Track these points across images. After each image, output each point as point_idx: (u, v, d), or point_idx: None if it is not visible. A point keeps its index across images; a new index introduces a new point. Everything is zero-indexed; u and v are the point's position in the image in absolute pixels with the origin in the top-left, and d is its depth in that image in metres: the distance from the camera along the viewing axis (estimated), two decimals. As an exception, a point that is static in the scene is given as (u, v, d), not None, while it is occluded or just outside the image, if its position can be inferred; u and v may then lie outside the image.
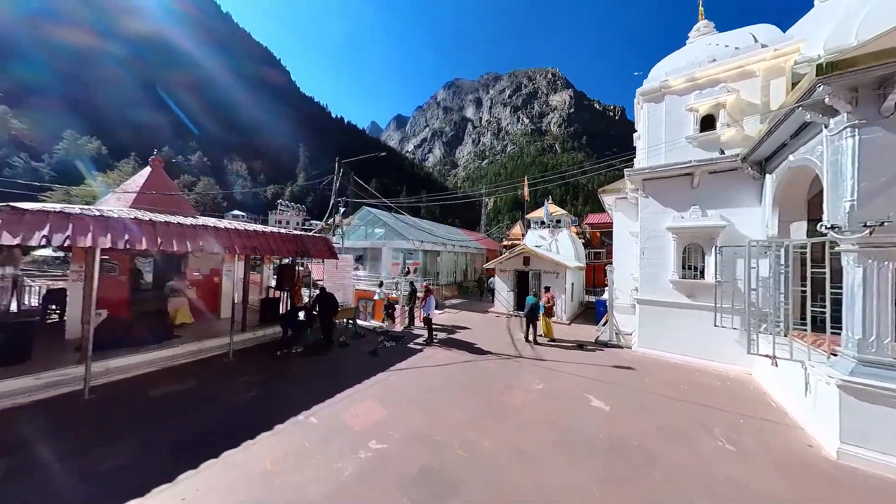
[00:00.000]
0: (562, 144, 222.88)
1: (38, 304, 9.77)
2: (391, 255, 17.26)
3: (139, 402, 5.07)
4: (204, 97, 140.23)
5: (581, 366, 7.14)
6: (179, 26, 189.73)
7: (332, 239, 10.46)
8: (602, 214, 25.20)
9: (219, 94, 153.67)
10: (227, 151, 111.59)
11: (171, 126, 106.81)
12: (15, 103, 66.49)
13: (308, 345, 8.07)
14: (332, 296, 8.30)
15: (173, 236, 6.23)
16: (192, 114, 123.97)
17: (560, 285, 11.91)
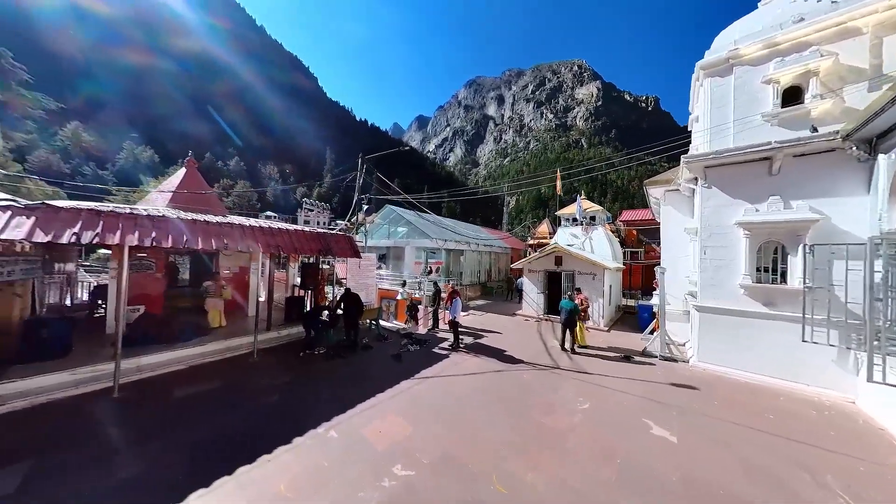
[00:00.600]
0: (588, 139, 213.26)
1: (87, 299, 10.39)
2: (414, 254, 16.92)
3: (163, 405, 4.96)
4: (241, 105, 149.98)
5: (631, 382, 6.22)
6: (221, 41, 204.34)
7: (356, 238, 10.21)
8: (639, 210, 23.26)
9: (254, 102, 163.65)
10: (262, 156, 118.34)
11: (212, 133, 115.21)
12: (85, 119, 74.81)
13: (331, 346, 7.81)
14: (357, 297, 7.99)
15: (199, 234, 6.15)
16: (231, 121, 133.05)
17: (597, 288, 10.85)
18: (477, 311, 13.77)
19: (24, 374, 5.09)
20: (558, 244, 11.92)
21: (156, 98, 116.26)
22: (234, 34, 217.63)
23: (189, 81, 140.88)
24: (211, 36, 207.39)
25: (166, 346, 6.76)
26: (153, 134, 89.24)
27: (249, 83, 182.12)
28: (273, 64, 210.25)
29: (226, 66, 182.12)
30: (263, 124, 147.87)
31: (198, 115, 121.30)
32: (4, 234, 4.12)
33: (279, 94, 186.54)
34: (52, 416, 4.51)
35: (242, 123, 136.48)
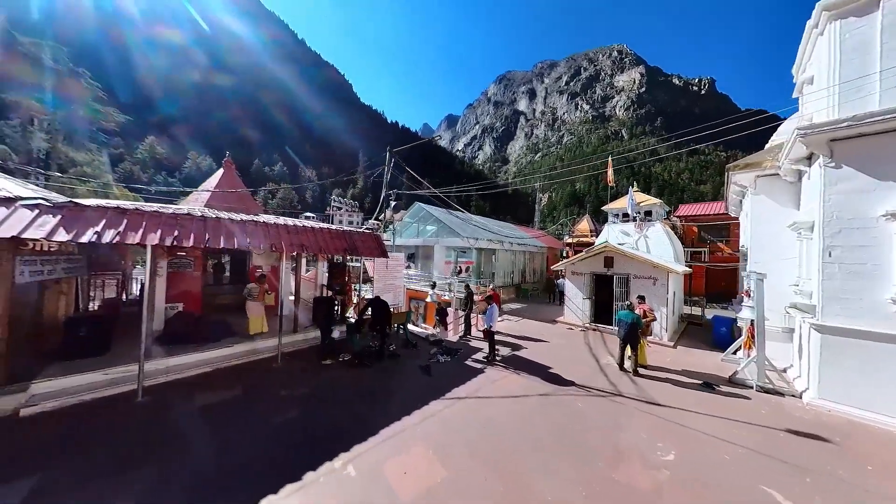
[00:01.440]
0: (630, 129, 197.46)
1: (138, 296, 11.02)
2: (444, 253, 16.16)
3: (180, 414, 4.66)
4: (285, 114, 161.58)
5: (727, 424, 4.79)
6: (268, 56, 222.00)
7: (383, 236, 9.65)
8: (699, 204, 20.25)
9: (296, 110, 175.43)
10: (303, 160, 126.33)
11: (260, 141, 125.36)
12: (158, 133, 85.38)
13: (356, 353, 7.27)
14: (385, 304, 7.38)
15: (222, 232, 5.88)
16: (276, 128, 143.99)
17: (659, 295, 9.17)
18: (512, 315, 12.62)
19: (59, 374, 5.11)
20: (608, 243, 10.36)
21: (214, 110, 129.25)
22: (279, 48, 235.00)
23: (241, 94, 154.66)
24: (260, 51, 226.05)
25: (195, 347, 6.66)
26: (212, 143, 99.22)
27: (292, 93, 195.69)
28: (313, 74, 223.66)
29: (272, 78, 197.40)
30: (304, 130, 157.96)
31: (249, 124, 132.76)
32: (27, 234, 3.99)
33: (318, 101, 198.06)
34: (72, 421, 4.37)
35: (286, 130, 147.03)
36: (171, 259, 9.23)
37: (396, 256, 9.58)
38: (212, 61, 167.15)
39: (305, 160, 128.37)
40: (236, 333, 7.69)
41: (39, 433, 4.10)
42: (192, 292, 9.49)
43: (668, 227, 13.44)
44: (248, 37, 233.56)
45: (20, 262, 4.79)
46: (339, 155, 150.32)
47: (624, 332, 6.74)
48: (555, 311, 13.22)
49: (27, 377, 4.87)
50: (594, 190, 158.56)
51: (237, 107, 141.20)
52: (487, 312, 7.44)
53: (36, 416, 4.50)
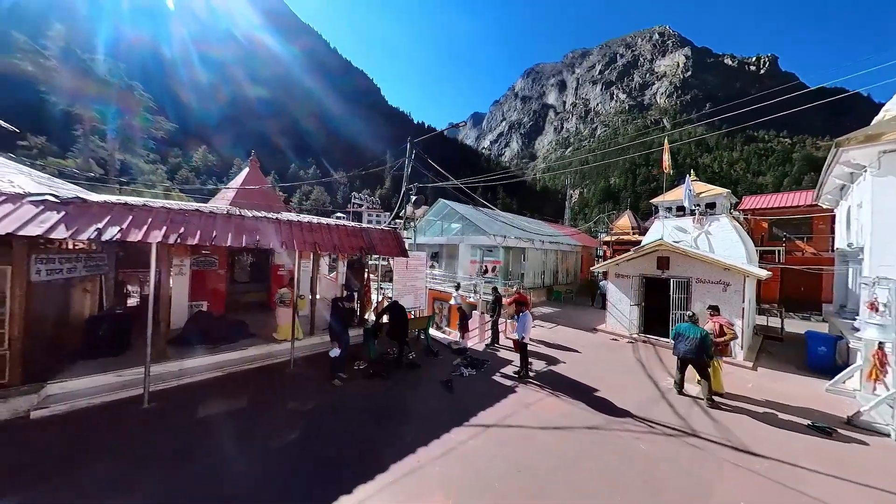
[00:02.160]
0: (672, 118, 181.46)
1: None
2: (469, 252, 15.26)
3: (178, 428, 4.28)
4: (318, 119, 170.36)
5: (864, 492, 3.41)
6: (303, 66, 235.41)
7: (403, 234, 9.00)
8: (769, 196, 17.28)
9: (328, 116, 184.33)
10: (334, 164, 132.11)
11: (293, 146, 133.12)
12: (209, 143, 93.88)
13: (371, 361, 6.66)
14: (403, 310, 6.71)
15: (231, 229, 5.52)
16: (309, 133, 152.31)
17: (733, 304, 7.54)
18: (545, 321, 11.40)
19: (75, 374, 5.03)
20: (664, 241, 8.80)
21: (252, 120, 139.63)
22: (312, 58, 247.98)
23: (275, 104, 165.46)
24: (294, 63, 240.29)
25: (211, 349, 6.44)
26: (257, 151, 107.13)
27: (324, 101, 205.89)
28: (343, 81, 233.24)
29: (305, 88, 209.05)
30: (334, 136, 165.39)
31: (284, 132, 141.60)
32: (24, 231, 3.78)
33: (348, 107, 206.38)
34: (76, 428, 4.14)
35: (318, 137, 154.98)
36: (195, 257, 9.36)
37: (417, 255, 8.89)
38: (249, 75, 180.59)
39: (336, 164, 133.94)
40: (253, 335, 7.46)
41: (41, 441, 3.89)
42: (216, 291, 9.56)
43: (736, 221, 11.36)
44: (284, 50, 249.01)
45: (35, 260, 4.72)
46: (368, 157, 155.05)
47: (686, 349, 5.40)
48: (594, 317, 11.77)
49: (46, 377, 4.82)
50: (630, 185, 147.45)
51: (272, 116, 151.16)
52: (520, 320, 6.45)
53: (45, 419, 4.35)
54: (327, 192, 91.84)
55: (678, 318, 8.25)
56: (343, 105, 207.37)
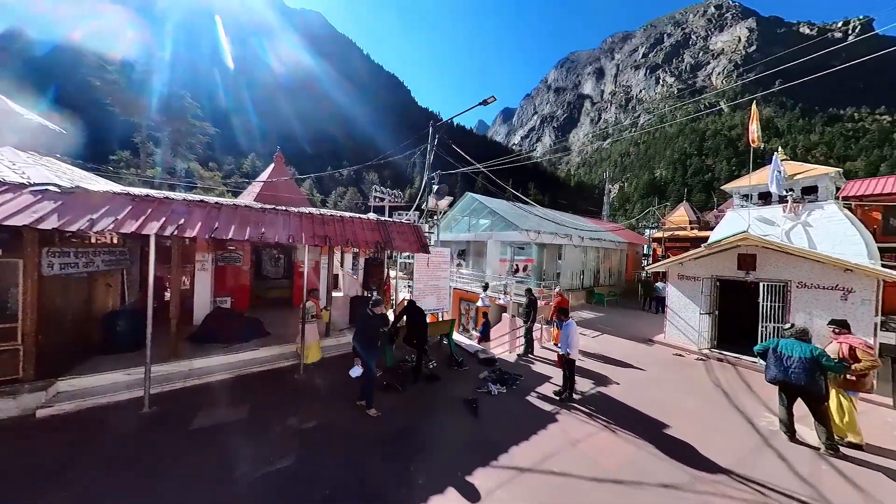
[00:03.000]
0: (731, 100, 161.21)
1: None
2: (498, 249, 14.10)
3: (169, 440, 3.83)
4: (352, 124, 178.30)
5: None
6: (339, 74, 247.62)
7: (424, 228, 8.18)
8: (881, 180, 13.75)
9: (362, 121, 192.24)
10: (367, 165, 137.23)
11: (330, 151, 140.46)
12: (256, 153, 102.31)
13: (387, 369, 5.92)
14: (421, 311, 5.90)
15: (235, 221, 5.07)
16: (345, 137, 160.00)
17: (859, 318, 5.62)
18: (587, 328, 9.92)
19: (85, 371, 4.89)
20: (750, 234, 6.95)
21: (295, 129, 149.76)
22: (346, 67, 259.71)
23: (314, 113, 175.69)
24: (326, 71, 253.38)
25: (224, 348, 6.16)
26: (296, 158, 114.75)
27: (358, 105, 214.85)
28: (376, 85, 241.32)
29: (340, 95, 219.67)
30: (367, 137, 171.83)
31: (321, 138, 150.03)
32: (13, 220, 3.51)
33: (381, 110, 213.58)
34: (70, 433, 3.86)
35: (352, 138, 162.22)
36: (221, 253, 9.40)
37: (440, 252, 8.02)
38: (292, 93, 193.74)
39: (369, 164, 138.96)
40: (268, 333, 7.13)
41: (37, 444, 3.65)
42: (240, 287, 9.55)
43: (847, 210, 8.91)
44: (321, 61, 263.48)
45: (48, 254, 4.61)
46: (399, 158, 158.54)
47: (790, 374, 3.90)
48: (647, 325, 10.04)
49: (58, 373, 4.72)
50: (680, 177, 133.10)
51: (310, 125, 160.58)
52: (563, 331, 5.27)
53: (48, 419, 4.17)
54: (360, 195, 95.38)
55: (771, 333, 6.46)
56: (377, 109, 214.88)
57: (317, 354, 6.22)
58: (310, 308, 6.08)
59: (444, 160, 9.48)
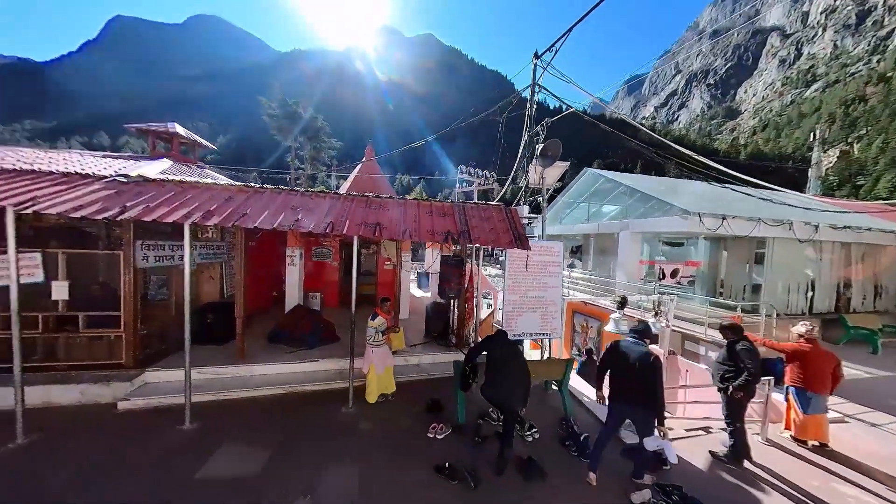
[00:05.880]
0: None
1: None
2: (635, 246, 9.69)
3: (174, 486, 2.90)
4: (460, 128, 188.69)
5: None
6: (444, 81, 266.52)
7: (523, 211, 5.56)
8: None
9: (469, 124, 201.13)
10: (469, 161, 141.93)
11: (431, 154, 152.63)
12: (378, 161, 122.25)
13: (457, 428, 3.79)
14: (515, 348, 3.52)
15: (268, 208, 4.04)
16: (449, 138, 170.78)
17: None
18: (838, 399, 4.87)
19: (166, 366, 4.92)
20: None
21: (406, 135, 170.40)
22: (453, 71, 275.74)
23: (425, 115, 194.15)
24: (439, 78, 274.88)
25: (287, 352, 5.55)
26: (413, 165, 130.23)
27: (462, 105, 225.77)
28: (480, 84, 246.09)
29: (446, 98, 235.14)
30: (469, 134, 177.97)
31: (431, 143, 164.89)
32: (55, 209, 3.24)
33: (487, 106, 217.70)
34: (111, 438, 3.52)
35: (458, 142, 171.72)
36: (315, 248, 9.61)
37: (546, 247, 5.25)
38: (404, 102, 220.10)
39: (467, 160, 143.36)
40: (336, 339, 6.27)
41: (87, 448, 3.43)
42: (330, 282, 9.53)
43: None
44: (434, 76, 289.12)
45: (142, 246, 4.77)
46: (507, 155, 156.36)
47: None
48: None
49: (148, 363, 4.89)
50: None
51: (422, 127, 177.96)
52: None
53: (122, 413, 4.14)
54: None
55: None
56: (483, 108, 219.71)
57: (387, 386, 4.56)
58: (377, 326, 4.39)
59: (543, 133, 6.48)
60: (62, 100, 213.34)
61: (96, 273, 5.15)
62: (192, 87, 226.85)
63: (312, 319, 6.35)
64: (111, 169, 4.83)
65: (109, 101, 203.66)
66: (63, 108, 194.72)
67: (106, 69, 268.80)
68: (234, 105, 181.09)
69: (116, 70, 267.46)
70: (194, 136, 8.92)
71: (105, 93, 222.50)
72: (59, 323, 4.70)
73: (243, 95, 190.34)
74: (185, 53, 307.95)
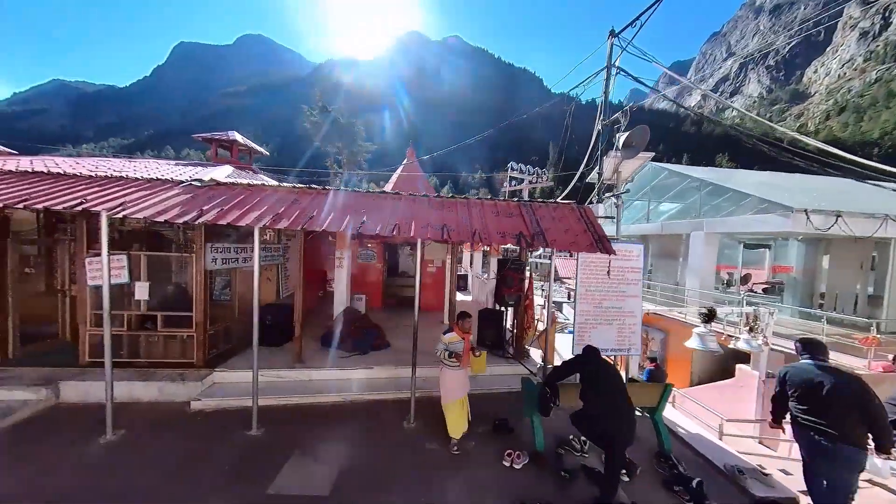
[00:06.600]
0: None
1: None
2: (710, 247, 8.50)
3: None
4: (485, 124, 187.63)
5: None
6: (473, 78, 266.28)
7: (598, 210, 4.95)
8: None
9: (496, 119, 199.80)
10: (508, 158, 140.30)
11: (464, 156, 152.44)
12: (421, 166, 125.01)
13: (535, 457, 3.33)
14: (612, 370, 3.01)
15: (334, 210, 3.88)
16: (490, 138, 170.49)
17: None
18: None
19: (232, 366, 4.99)
20: None
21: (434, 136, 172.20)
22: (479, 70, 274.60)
23: (453, 116, 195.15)
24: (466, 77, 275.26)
25: (342, 357, 5.45)
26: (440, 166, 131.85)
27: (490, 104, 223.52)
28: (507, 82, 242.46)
29: (473, 96, 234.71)
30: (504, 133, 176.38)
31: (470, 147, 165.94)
32: (140, 213, 3.31)
33: (514, 105, 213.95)
34: (173, 445, 3.52)
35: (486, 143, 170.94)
36: (361, 250, 9.63)
37: (626, 250, 4.60)
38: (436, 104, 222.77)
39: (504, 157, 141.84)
40: (387, 345, 6.09)
41: (168, 447, 3.47)
42: (374, 284, 9.48)
43: None
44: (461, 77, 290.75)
45: (211, 249, 4.89)
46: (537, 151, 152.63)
47: None
48: None
49: (216, 363, 5.00)
50: None
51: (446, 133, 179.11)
52: None
53: (194, 413, 4.22)
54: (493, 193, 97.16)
55: None
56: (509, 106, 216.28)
57: (462, 424, 3.60)
58: (447, 342, 3.52)
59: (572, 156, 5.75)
60: (138, 119, 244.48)
61: (169, 274, 5.43)
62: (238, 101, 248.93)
63: (363, 324, 6.23)
64: (185, 175, 5.03)
65: (172, 117, 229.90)
66: (139, 126, 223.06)
67: (171, 90, 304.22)
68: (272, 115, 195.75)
69: (179, 90, 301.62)
70: (250, 143, 9.36)
71: (169, 111, 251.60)
72: (140, 322, 4.98)
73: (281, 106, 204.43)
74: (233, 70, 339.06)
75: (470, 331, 3.64)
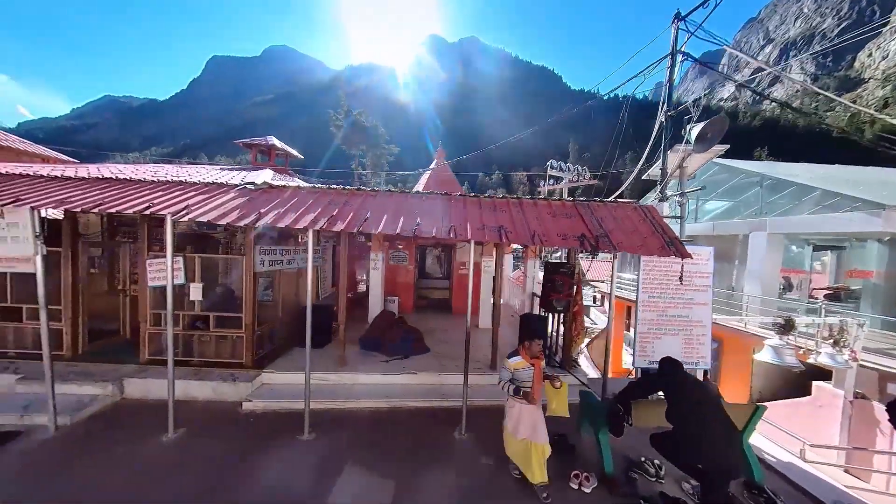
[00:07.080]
0: None
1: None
2: (774, 249, 7.72)
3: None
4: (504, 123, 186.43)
5: None
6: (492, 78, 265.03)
7: (662, 209, 4.56)
8: None
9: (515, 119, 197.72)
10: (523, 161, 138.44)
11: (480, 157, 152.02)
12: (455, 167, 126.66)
13: (605, 481, 3.03)
14: (702, 389, 2.66)
15: (387, 211, 3.77)
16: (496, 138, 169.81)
17: None
18: None
19: (279, 368, 5.02)
20: None
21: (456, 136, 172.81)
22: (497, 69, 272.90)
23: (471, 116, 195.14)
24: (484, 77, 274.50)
25: (383, 361, 5.37)
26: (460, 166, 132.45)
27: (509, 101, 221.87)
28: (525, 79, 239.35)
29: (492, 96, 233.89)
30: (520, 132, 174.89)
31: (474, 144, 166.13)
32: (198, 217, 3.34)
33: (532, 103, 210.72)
34: (239, 440, 3.51)
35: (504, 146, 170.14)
36: (392, 252, 9.60)
37: (698, 252, 4.19)
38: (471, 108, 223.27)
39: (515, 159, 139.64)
40: (426, 350, 5.95)
41: (224, 448, 3.49)
42: (406, 286, 9.41)
43: None
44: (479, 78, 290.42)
45: (259, 251, 4.96)
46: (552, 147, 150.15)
47: None
48: None
49: (263, 364, 5.06)
50: None
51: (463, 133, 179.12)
52: None
53: (246, 414, 4.25)
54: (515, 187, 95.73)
55: None
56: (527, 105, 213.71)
57: (532, 470, 2.91)
58: (517, 372, 3.01)
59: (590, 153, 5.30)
60: (175, 129, 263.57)
61: (216, 276, 5.58)
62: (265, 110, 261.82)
63: (402, 327, 6.13)
64: (235, 179, 5.15)
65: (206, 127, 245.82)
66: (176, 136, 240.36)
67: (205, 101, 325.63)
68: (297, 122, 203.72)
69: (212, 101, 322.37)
70: (287, 148, 9.61)
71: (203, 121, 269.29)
72: (190, 322, 5.13)
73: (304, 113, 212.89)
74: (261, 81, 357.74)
75: (541, 355, 3.03)
